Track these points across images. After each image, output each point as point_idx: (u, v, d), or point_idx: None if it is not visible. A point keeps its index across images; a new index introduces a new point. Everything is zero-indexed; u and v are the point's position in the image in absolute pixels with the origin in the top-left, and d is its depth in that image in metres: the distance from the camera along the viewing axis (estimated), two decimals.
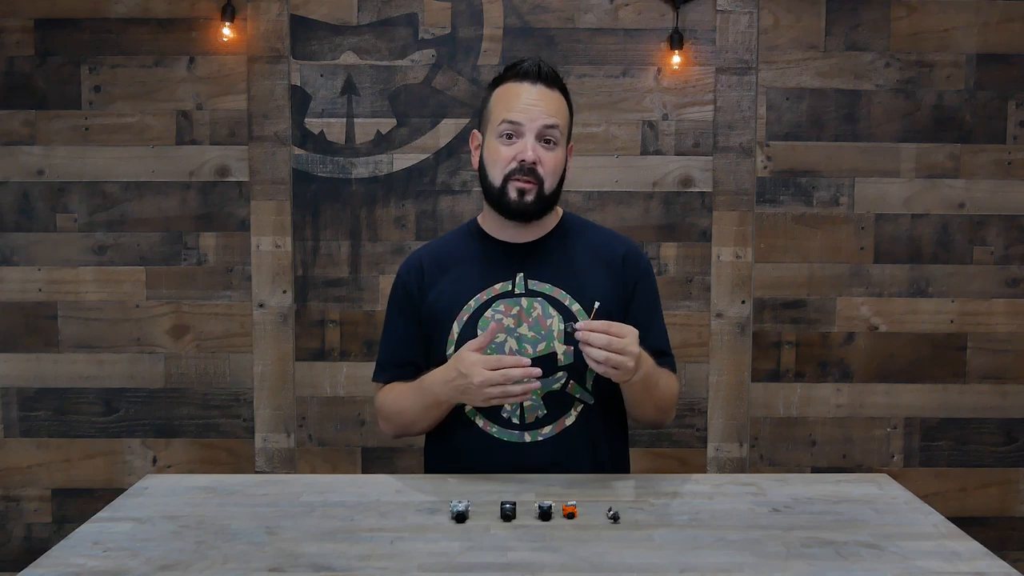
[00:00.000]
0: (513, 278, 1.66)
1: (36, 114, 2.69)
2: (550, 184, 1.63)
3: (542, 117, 1.61)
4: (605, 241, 1.74)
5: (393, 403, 1.70)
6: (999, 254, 2.75)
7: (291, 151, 2.70)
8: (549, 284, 1.65)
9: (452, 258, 1.72)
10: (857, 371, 2.76)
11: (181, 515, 1.41)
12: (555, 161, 1.63)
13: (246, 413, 2.75)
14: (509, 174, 1.61)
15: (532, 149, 1.60)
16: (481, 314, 1.64)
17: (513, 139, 1.62)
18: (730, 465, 2.74)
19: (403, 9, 2.68)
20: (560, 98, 1.65)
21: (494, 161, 1.63)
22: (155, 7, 2.67)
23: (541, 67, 1.64)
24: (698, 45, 2.69)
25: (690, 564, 1.22)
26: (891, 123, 2.72)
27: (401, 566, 1.21)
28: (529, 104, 1.61)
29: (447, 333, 1.65)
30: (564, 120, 1.65)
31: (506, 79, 1.65)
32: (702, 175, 2.72)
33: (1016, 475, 2.80)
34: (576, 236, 1.73)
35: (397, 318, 1.74)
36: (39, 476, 2.76)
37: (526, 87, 1.62)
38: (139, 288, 2.73)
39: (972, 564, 1.23)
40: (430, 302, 1.69)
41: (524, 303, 1.64)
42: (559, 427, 1.63)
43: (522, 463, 1.61)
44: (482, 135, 1.69)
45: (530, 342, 1.62)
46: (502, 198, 1.63)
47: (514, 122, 1.61)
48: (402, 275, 1.75)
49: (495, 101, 1.65)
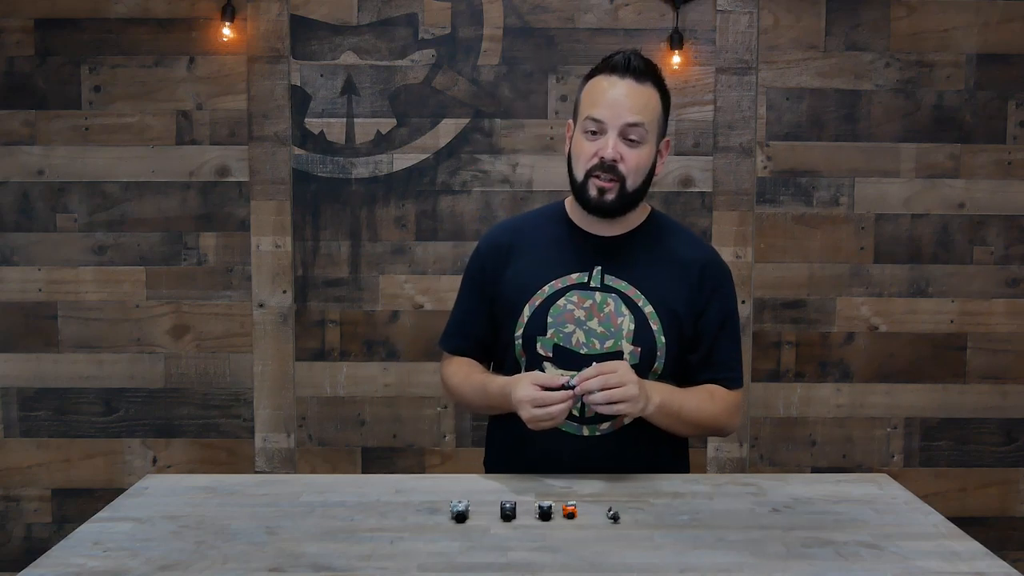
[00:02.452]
0: (590, 270, 1.65)
1: (36, 114, 2.69)
2: (632, 182, 1.60)
3: (625, 115, 1.57)
4: (688, 246, 1.71)
5: (457, 386, 1.73)
6: (999, 254, 2.75)
7: (291, 151, 2.70)
8: (625, 282, 1.64)
9: (533, 240, 1.71)
10: (857, 371, 2.76)
11: (181, 515, 1.41)
12: (638, 159, 1.60)
13: (246, 413, 2.75)
14: (590, 170, 1.60)
15: (613, 147, 1.58)
16: (554, 301, 1.63)
17: (597, 136, 1.60)
18: (730, 465, 2.74)
19: (403, 9, 2.68)
20: (651, 92, 1.61)
21: (577, 155, 1.62)
22: (155, 7, 2.67)
23: (631, 60, 1.59)
24: (698, 45, 2.69)
25: (690, 564, 1.22)
26: (891, 123, 2.72)
27: (401, 566, 1.21)
28: (614, 100, 1.58)
29: (518, 315, 1.65)
30: (652, 116, 1.61)
31: (598, 72, 1.63)
32: (702, 175, 2.72)
33: (1016, 475, 2.80)
34: (660, 237, 1.70)
35: (469, 292, 1.76)
36: (39, 476, 2.76)
37: (614, 81, 1.59)
38: (139, 288, 2.73)
39: (972, 564, 1.23)
40: (506, 280, 1.68)
41: (598, 297, 1.63)
42: (617, 424, 1.62)
43: (583, 456, 1.61)
44: (573, 127, 1.67)
45: (598, 337, 1.61)
46: (583, 194, 1.62)
47: (597, 119, 1.58)
48: (482, 250, 1.74)
49: (584, 95, 1.63)
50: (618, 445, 1.62)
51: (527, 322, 1.64)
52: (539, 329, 1.63)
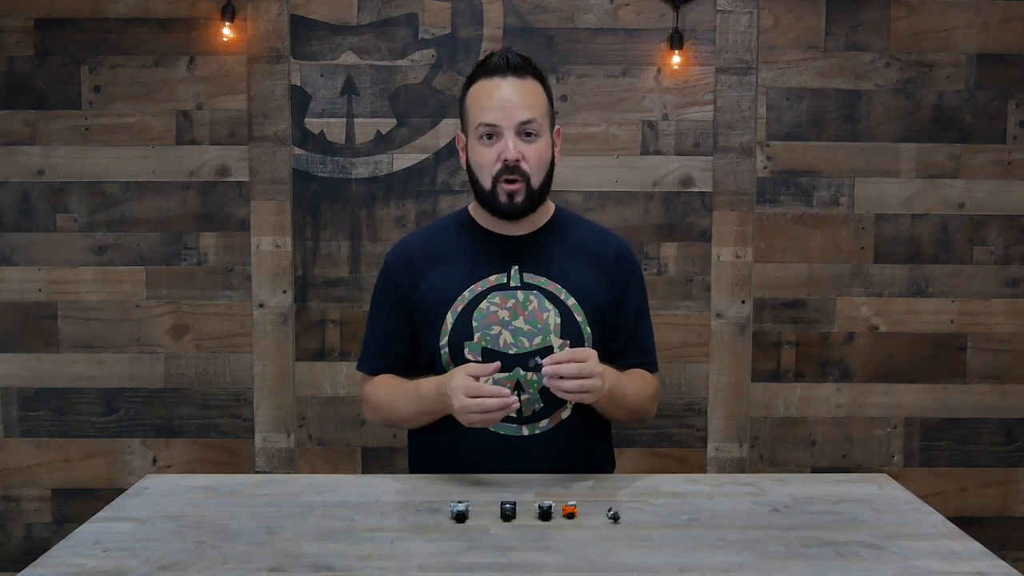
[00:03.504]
0: (508, 270, 1.66)
1: (36, 114, 2.69)
2: (537, 179, 1.62)
3: (517, 113, 1.59)
4: (598, 238, 1.75)
5: (385, 399, 1.70)
6: (999, 254, 2.75)
7: (291, 151, 2.70)
8: (544, 278, 1.65)
9: (444, 249, 1.71)
10: (857, 371, 2.76)
11: (181, 515, 1.41)
12: (539, 153, 1.61)
13: (246, 413, 2.75)
14: (496, 176, 1.60)
15: (514, 146, 1.59)
16: (476, 305, 1.64)
17: (493, 139, 1.60)
18: (730, 465, 2.74)
19: (403, 9, 2.68)
20: (534, 86, 1.62)
21: (479, 165, 1.63)
22: (155, 7, 2.67)
23: (509, 59, 1.60)
24: (698, 45, 2.69)
25: (690, 564, 1.22)
26: (891, 123, 2.72)
27: (401, 566, 1.21)
28: (503, 101, 1.59)
29: (440, 323, 1.65)
30: (542, 109, 1.62)
31: (477, 77, 1.63)
32: (702, 175, 2.72)
33: (1016, 475, 2.80)
34: (570, 231, 1.73)
35: (383, 309, 1.73)
36: (39, 476, 2.76)
37: (497, 83, 1.60)
38: (139, 288, 2.73)
39: (972, 564, 1.23)
40: (422, 293, 1.68)
41: (520, 296, 1.64)
42: (555, 420, 1.63)
43: (520, 457, 1.61)
44: (465, 137, 1.68)
45: (526, 335, 1.62)
46: (493, 201, 1.63)
47: (490, 124, 1.59)
48: (391, 265, 1.73)
49: (470, 101, 1.64)
50: (556, 442, 1.63)
51: (451, 329, 1.63)
52: (465, 335, 1.62)
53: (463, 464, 1.62)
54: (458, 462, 1.63)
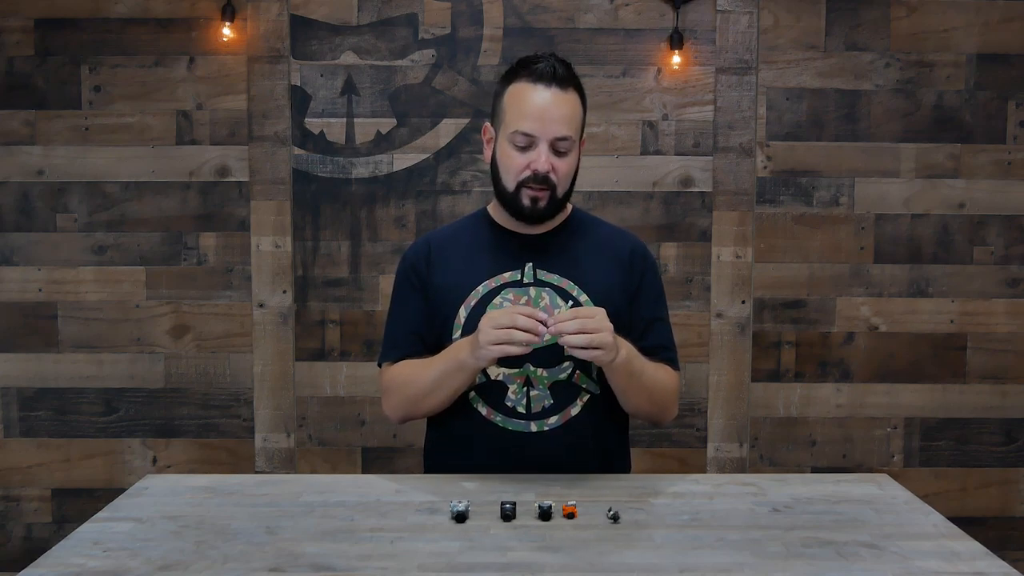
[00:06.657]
0: (522, 268, 1.66)
1: (36, 114, 2.69)
2: (562, 188, 1.63)
3: (555, 128, 1.58)
4: (613, 236, 1.75)
5: (408, 374, 1.65)
6: (999, 254, 2.75)
7: (291, 151, 2.70)
8: (558, 275, 1.66)
9: (461, 244, 1.72)
10: (857, 371, 2.76)
11: (181, 515, 1.41)
12: (568, 166, 1.62)
13: (246, 413, 2.75)
14: (522, 182, 1.60)
15: (546, 160, 1.58)
16: (489, 300, 1.64)
17: (526, 147, 1.59)
18: (730, 465, 2.74)
19: (403, 9, 2.68)
20: (574, 100, 1.61)
21: (507, 167, 1.62)
22: (155, 7, 2.67)
23: (556, 69, 1.59)
24: (698, 45, 2.69)
25: (690, 564, 1.22)
26: (891, 123, 2.72)
27: (401, 566, 1.21)
28: (543, 112, 1.57)
29: (453, 317, 1.65)
30: (577, 125, 1.62)
31: (520, 77, 1.61)
32: (702, 175, 2.72)
33: (1016, 475, 2.80)
34: (585, 231, 1.74)
35: (407, 296, 1.72)
36: (39, 476, 2.76)
37: (540, 91, 1.58)
38: (139, 288, 2.73)
39: (972, 564, 1.23)
40: (436, 285, 1.68)
41: (532, 292, 1.64)
42: (565, 417, 1.63)
43: (528, 453, 1.61)
44: (495, 131, 1.66)
45: None
46: (515, 203, 1.63)
47: (527, 134, 1.58)
48: (409, 257, 1.74)
49: (509, 101, 1.61)
50: (565, 440, 1.62)
51: (464, 323, 1.63)
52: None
53: (474, 459, 1.62)
54: (469, 458, 1.63)
